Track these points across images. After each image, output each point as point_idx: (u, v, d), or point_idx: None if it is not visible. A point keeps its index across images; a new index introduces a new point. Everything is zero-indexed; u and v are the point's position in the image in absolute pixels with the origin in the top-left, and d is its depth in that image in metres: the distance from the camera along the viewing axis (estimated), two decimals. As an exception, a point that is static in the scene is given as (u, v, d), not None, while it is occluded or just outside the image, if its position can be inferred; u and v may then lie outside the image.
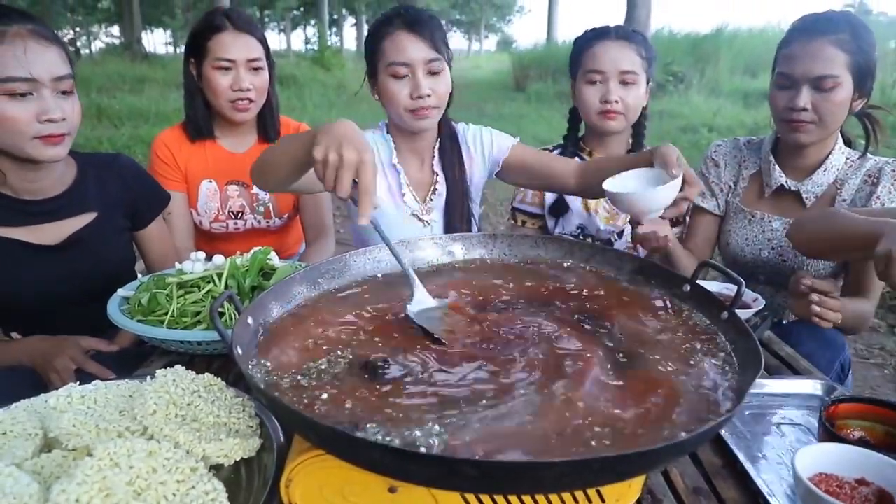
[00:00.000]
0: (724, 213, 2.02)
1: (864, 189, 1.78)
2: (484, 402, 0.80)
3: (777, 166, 1.87)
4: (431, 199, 1.91)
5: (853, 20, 1.70)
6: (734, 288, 1.54)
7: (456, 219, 1.91)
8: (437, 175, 1.91)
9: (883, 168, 1.77)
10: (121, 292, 1.46)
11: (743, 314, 1.42)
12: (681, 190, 1.40)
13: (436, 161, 1.91)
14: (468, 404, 0.79)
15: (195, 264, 1.47)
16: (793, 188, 1.85)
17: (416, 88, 1.70)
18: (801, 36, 1.71)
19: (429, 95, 1.71)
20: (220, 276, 1.44)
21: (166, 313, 1.36)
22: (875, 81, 1.74)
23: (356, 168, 1.06)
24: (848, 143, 1.86)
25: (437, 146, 1.91)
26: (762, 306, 1.50)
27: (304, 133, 1.24)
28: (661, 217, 1.44)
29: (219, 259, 1.51)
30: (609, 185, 1.45)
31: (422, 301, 1.08)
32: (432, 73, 1.73)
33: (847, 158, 1.82)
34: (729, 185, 2.00)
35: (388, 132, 1.90)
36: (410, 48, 1.69)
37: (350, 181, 1.06)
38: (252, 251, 1.50)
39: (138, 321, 1.35)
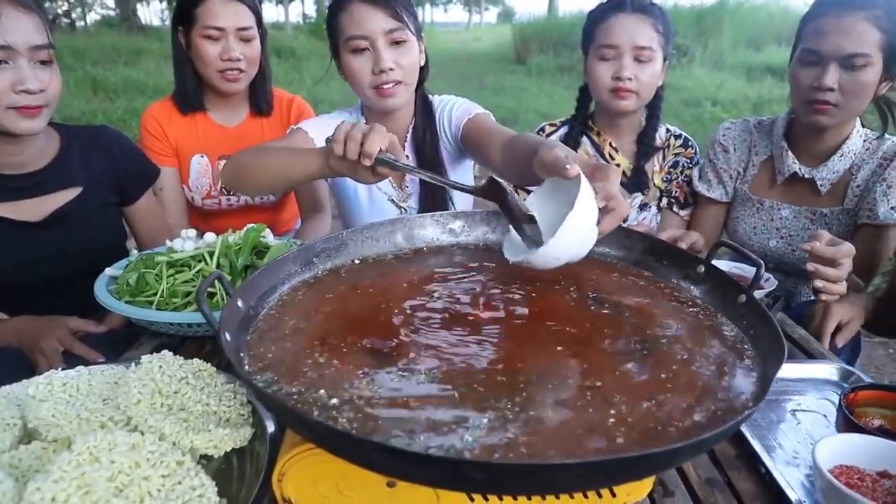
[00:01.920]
0: (732, 199, 1.93)
1: (878, 173, 1.69)
2: (493, 396, 0.75)
3: (790, 153, 1.78)
4: (408, 185, 1.83)
5: None
6: (745, 267, 1.50)
7: (430, 202, 1.80)
8: (409, 157, 1.78)
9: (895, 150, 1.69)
10: (108, 272, 1.41)
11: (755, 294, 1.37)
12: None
13: (407, 142, 1.79)
14: (483, 398, 0.75)
15: (186, 242, 1.42)
16: (806, 175, 1.76)
17: (378, 62, 1.58)
18: (833, 8, 1.58)
19: (392, 69, 1.59)
20: (211, 254, 1.38)
21: (155, 294, 1.31)
22: None
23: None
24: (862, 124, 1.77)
25: (412, 125, 1.79)
26: (775, 286, 1.45)
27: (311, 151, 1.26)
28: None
29: (210, 237, 1.45)
30: (511, 252, 1.07)
31: None
32: (395, 44, 1.60)
33: (865, 141, 1.73)
34: (738, 172, 1.91)
35: (362, 113, 1.80)
36: (368, 19, 1.57)
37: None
38: (245, 228, 1.45)
39: (126, 302, 1.29)
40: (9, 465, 0.78)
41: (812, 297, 1.89)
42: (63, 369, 0.94)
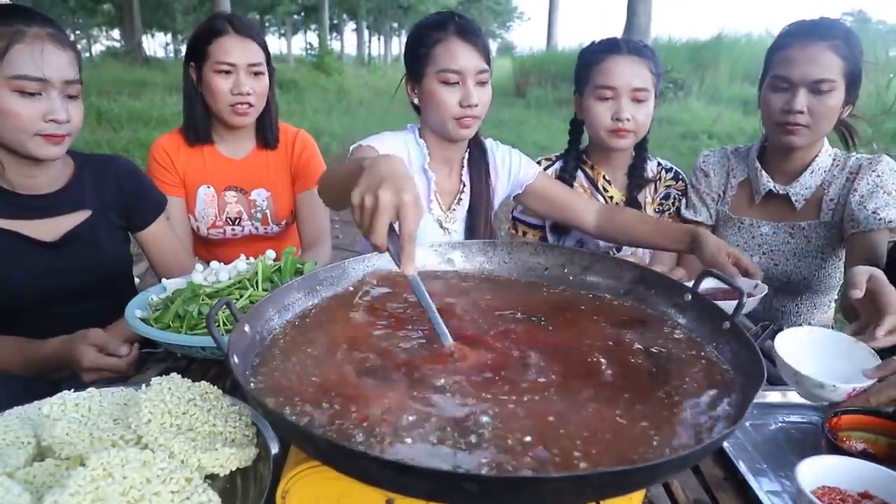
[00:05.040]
0: (715, 221, 2.03)
1: (847, 186, 1.81)
2: (486, 414, 0.79)
3: (764, 172, 1.90)
4: (455, 209, 1.90)
5: (845, 28, 1.73)
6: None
7: (478, 229, 1.90)
8: (464, 185, 1.90)
9: (862, 164, 1.81)
10: (138, 313, 1.43)
11: (748, 303, 1.43)
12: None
13: (465, 170, 1.90)
14: (477, 418, 0.78)
15: (219, 272, 1.48)
16: (780, 192, 1.87)
17: (467, 97, 1.70)
18: (799, 39, 1.73)
19: (477, 105, 1.72)
20: (250, 280, 1.45)
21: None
22: (860, 89, 1.77)
23: (394, 211, 0.93)
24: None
25: (466, 156, 1.91)
26: (764, 292, 1.49)
27: (352, 164, 1.13)
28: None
29: (241, 264, 1.52)
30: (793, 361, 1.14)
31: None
32: (480, 84, 1.73)
33: (834, 160, 1.85)
34: (718, 194, 2.02)
35: (420, 136, 1.88)
36: (463, 56, 1.69)
37: (385, 227, 0.94)
38: (282, 252, 1.53)
39: (189, 334, 1.33)
40: (24, 481, 0.82)
41: (802, 325, 1.94)
42: (74, 390, 0.98)
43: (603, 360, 0.94)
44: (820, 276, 1.90)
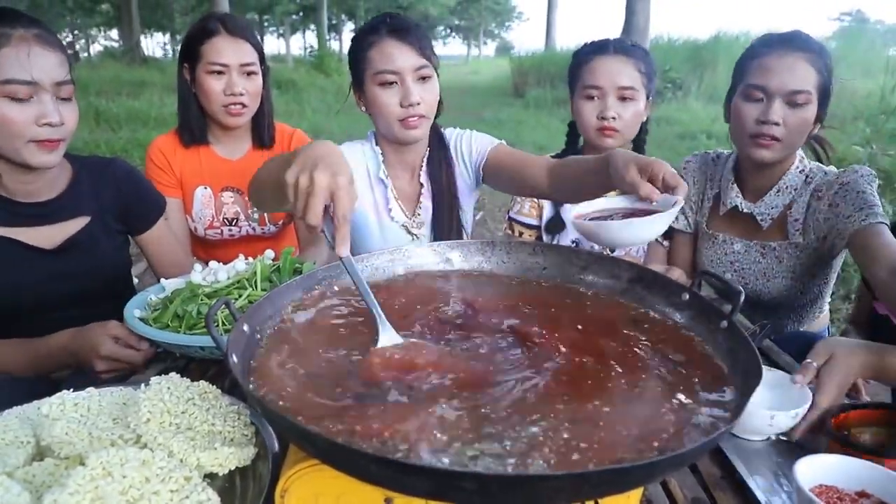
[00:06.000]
0: (695, 231, 1.98)
1: (813, 205, 1.73)
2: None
3: (735, 186, 1.84)
4: (419, 213, 1.88)
5: (819, 44, 1.69)
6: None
7: (444, 230, 1.86)
8: (423, 186, 1.86)
9: (827, 180, 1.72)
10: (137, 313, 1.42)
11: (668, 216, 1.21)
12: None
13: (423, 171, 1.86)
14: (479, 414, 0.78)
15: (218, 272, 1.48)
16: (745, 210, 1.81)
17: (407, 96, 1.66)
18: (776, 49, 1.67)
19: (418, 103, 1.67)
20: (249, 280, 1.45)
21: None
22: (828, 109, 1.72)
23: (329, 193, 0.95)
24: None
25: (426, 156, 1.86)
26: (680, 205, 1.26)
27: (286, 153, 1.16)
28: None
29: (240, 264, 1.52)
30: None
31: (389, 340, 0.98)
32: (421, 80, 1.69)
33: (807, 177, 1.76)
34: (697, 204, 1.96)
35: (376, 143, 1.85)
36: (398, 56, 1.66)
37: (320, 208, 0.95)
38: (281, 252, 1.53)
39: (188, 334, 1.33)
40: (23, 481, 0.82)
41: (797, 330, 1.94)
42: (74, 390, 0.98)
43: (599, 359, 0.94)
44: (791, 295, 1.84)
